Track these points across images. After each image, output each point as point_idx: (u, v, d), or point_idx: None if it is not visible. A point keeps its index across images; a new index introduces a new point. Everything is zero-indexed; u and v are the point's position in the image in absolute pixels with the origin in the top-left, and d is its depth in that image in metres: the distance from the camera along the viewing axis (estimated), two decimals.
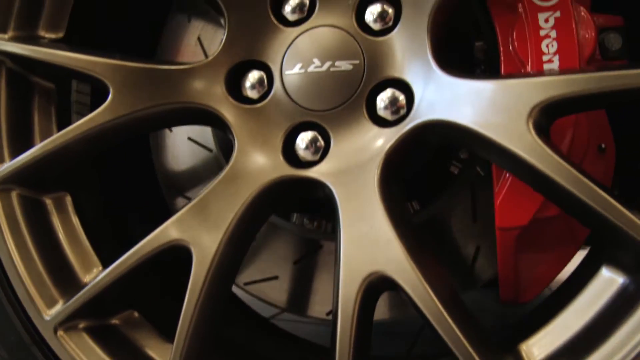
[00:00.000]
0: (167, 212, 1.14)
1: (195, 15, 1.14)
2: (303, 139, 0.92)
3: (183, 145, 1.14)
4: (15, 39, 1.00)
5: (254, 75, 0.94)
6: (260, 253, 1.09)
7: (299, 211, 1.07)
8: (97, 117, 0.93)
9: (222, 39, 0.94)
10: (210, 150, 1.12)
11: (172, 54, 1.15)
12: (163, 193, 1.13)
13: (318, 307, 1.11)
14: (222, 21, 0.94)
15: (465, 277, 1.02)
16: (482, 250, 1.01)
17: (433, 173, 1.02)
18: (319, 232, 1.06)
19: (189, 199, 1.14)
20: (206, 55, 1.12)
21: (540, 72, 0.83)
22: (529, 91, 0.76)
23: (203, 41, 1.12)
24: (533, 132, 0.76)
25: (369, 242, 0.82)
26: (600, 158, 0.90)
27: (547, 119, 0.77)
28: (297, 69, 0.91)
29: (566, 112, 0.81)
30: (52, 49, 0.96)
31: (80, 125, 0.93)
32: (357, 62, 0.90)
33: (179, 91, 0.93)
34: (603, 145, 0.89)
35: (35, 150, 0.95)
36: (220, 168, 1.12)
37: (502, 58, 0.89)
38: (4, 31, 1.00)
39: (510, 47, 0.88)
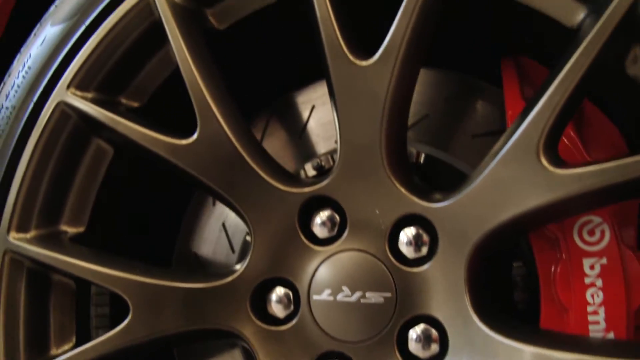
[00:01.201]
0: None
1: None
2: None
3: None
4: (36, 238, 0.97)
5: (280, 295, 0.89)
6: None
7: None
8: (114, 337, 0.89)
9: (249, 254, 0.90)
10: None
11: (194, 239, 1.12)
12: None
13: None
14: (249, 235, 0.91)
15: None
16: None
17: None
18: None
19: None
20: (231, 244, 1.09)
21: (584, 342, 0.78)
22: None
23: (228, 228, 1.09)
24: None
25: None
26: None
27: None
28: (325, 295, 0.87)
29: None
30: (71, 257, 0.93)
31: (96, 345, 0.89)
32: (388, 295, 0.85)
33: (201, 312, 0.89)
34: None
35: None
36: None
37: (542, 300, 0.84)
38: (26, 230, 0.96)
39: (552, 290, 0.83)
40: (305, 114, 1.09)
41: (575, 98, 0.76)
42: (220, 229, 1.10)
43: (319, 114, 1.08)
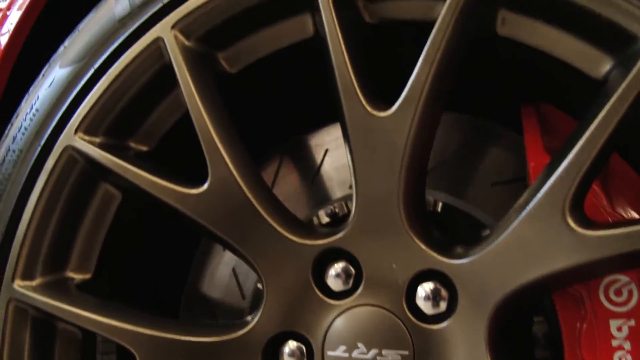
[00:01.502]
0: None
1: None
2: None
3: None
4: (42, 286, 0.94)
5: (293, 349, 0.86)
6: None
7: None
8: None
9: (261, 307, 0.87)
10: None
11: (204, 284, 1.09)
12: None
13: None
14: (260, 284, 0.88)
15: None
16: None
17: None
18: None
19: None
20: (241, 290, 1.06)
21: None
22: None
23: (238, 274, 1.06)
24: None
25: None
26: None
27: None
28: (340, 352, 0.84)
29: None
30: (77, 308, 0.90)
31: None
32: (406, 353, 0.82)
33: None
34: None
35: None
36: None
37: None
38: (31, 278, 0.94)
39: (577, 350, 0.80)
40: (318, 158, 1.06)
41: (604, 154, 0.73)
42: (231, 274, 1.07)
43: (332, 157, 1.05)
